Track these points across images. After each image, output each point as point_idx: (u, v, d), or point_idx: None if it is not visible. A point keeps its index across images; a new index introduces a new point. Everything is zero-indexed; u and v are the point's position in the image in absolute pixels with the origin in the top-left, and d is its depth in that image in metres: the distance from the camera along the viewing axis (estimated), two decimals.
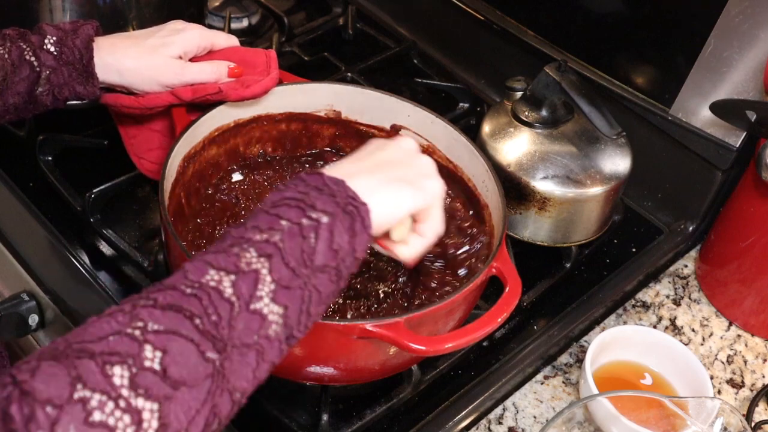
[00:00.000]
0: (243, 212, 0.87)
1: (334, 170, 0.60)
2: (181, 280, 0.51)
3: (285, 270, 0.52)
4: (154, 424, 0.45)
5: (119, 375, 0.44)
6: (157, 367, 0.46)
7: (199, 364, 0.47)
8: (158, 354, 0.46)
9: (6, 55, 0.76)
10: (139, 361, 0.45)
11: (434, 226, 0.66)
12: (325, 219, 0.55)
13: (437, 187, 0.66)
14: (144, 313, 0.48)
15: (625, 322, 0.93)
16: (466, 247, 0.85)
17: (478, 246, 0.84)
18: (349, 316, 0.79)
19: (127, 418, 0.44)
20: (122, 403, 0.44)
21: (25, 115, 0.80)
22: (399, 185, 0.62)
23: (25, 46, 0.77)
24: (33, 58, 0.77)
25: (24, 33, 0.78)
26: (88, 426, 0.42)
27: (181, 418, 0.46)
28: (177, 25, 0.84)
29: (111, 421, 0.43)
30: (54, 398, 0.42)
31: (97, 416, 0.43)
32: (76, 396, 0.43)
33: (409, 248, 0.66)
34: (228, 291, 0.50)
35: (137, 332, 0.46)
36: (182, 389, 0.46)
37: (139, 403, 0.44)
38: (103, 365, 0.44)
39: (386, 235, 0.64)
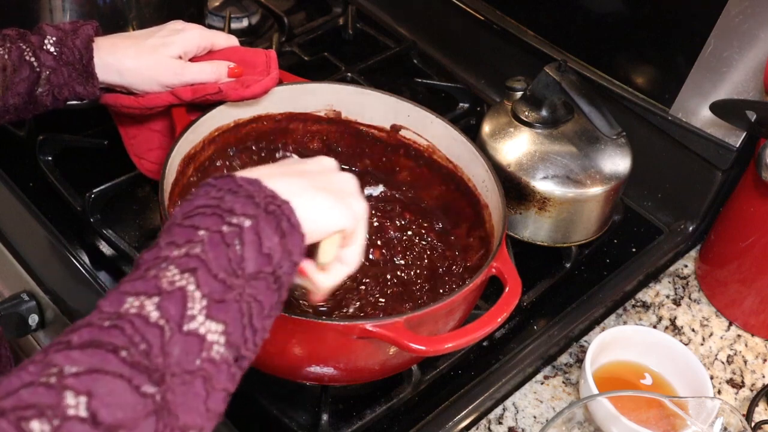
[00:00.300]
0: None
1: (245, 173, 0.54)
2: (96, 316, 0.45)
3: (214, 282, 0.47)
4: None
5: (39, 430, 0.38)
6: (83, 414, 0.39)
7: (136, 401, 0.41)
8: (82, 399, 0.40)
9: (6, 56, 0.76)
10: (61, 411, 0.39)
11: (357, 253, 0.61)
12: (247, 222, 0.50)
13: (362, 208, 0.60)
14: (58, 358, 0.41)
15: (625, 322, 0.93)
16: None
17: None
18: (350, 311, 0.80)
19: None
20: None
21: (24, 116, 0.80)
22: (324, 194, 0.56)
23: (24, 47, 0.77)
24: (33, 59, 0.77)
25: (24, 33, 0.78)
26: None
27: None
28: (177, 25, 0.84)
29: None
30: None
31: None
32: None
33: (329, 277, 0.60)
34: (154, 315, 0.44)
35: (52, 379, 0.40)
36: None
37: None
38: (18, 422, 0.38)
39: (307, 256, 0.57)
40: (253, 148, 0.91)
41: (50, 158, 0.96)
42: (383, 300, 0.82)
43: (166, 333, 0.44)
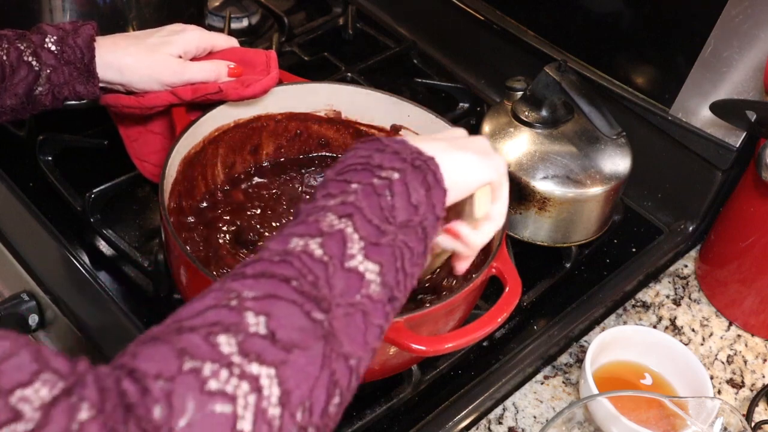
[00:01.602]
0: (243, 211, 0.87)
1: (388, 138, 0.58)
2: (266, 254, 0.48)
3: (370, 227, 0.50)
4: (276, 390, 0.42)
5: (226, 343, 0.42)
6: (263, 331, 0.43)
7: (308, 325, 0.44)
8: (262, 319, 0.43)
9: (4, 57, 0.76)
10: (244, 328, 0.43)
11: (504, 208, 0.64)
12: (396, 175, 0.53)
13: (503, 162, 0.63)
14: (235, 285, 0.45)
15: (625, 322, 0.93)
16: None
17: None
18: None
19: (245, 386, 0.41)
20: (236, 371, 0.41)
21: (22, 116, 0.80)
22: (465, 152, 0.59)
23: (23, 47, 0.77)
24: (32, 59, 0.77)
25: (23, 34, 0.78)
26: (206, 396, 0.40)
27: (302, 385, 0.43)
28: (177, 27, 0.85)
29: (229, 389, 0.41)
30: (163, 372, 0.40)
31: (213, 385, 0.40)
32: (185, 367, 0.40)
33: (480, 234, 0.63)
34: (318, 252, 0.48)
35: (234, 302, 0.44)
36: (295, 352, 0.43)
37: (254, 369, 0.42)
38: (207, 336, 0.42)
39: (455, 217, 0.61)
40: (254, 147, 0.91)
41: (50, 158, 0.96)
42: None
43: (330, 268, 0.47)
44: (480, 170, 0.60)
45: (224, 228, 0.85)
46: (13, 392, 0.37)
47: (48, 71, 0.78)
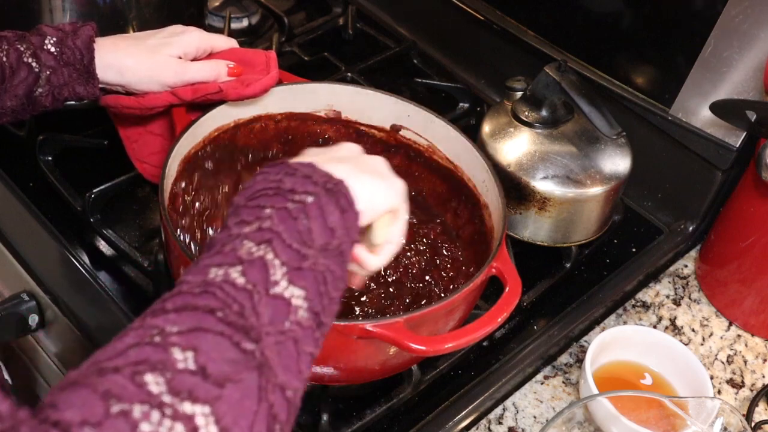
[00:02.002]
0: None
1: (295, 160, 0.56)
2: (184, 287, 0.46)
3: (290, 251, 0.49)
4: (213, 429, 0.40)
5: (154, 382, 0.40)
6: (192, 367, 0.41)
7: (238, 356, 0.43)
8: (189, 354, 0.41)
9: (4, 58, 0.76)
10: (171, 365, 0.41)
11: (401, 231, 0.62)
12: (310, 199, 0.52)
13: (401, 184, 0.62)
14: (157, 321, 0.43)
15: (625, 322, 0.93)
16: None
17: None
18: (357, 312, 0.79)
19: (179, 427, 0.39)
20: (168, 411, 0.39)
21: (22, 117, 0.80)
22: (370, 175, 0.58)
23: (23, 49, 0.77)
24: (32, 60, 0.77)
25: (22, 35, 0.78)
26: None
27: (240, 422, 0.41)
28: (176, 28, 0.85)
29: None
30: (89, 417, 0.38)
31: (145, 428, 0.38)
32: (113, 410, 0.38)
33: (378, 258, 0.62)
34: (240, 280, 0.46)
35: (157, 338, 0.42)
36: (229, 386, 0.41)
37: (187, 408, 0.40)
38: (132, 376, 0.40)
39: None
40: (253, 148, 0.91)
41: (50, 158, 0.96)
42: (383, 300, 0.82)
43: (255, 296, 0.46)
44: (386, 194, 0.59)
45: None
46: None
47: (48, 73, 0.78)
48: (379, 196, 0.58)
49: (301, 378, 0.47)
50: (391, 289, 0.83)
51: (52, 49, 0.78)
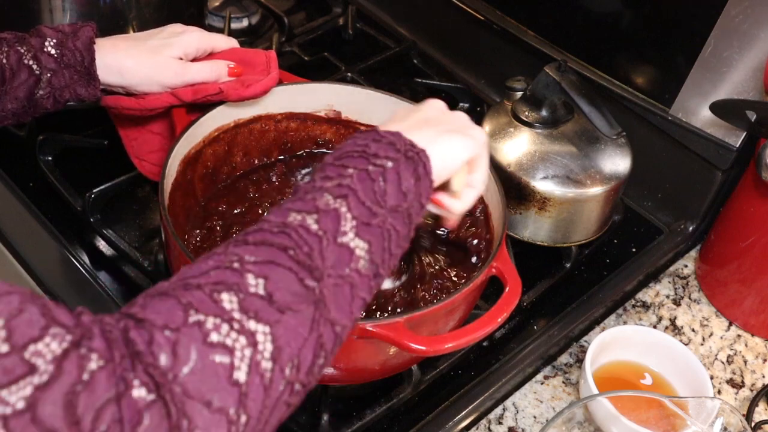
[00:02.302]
0: (243, 211, 0.87)
1: (384, 128, 0.61)
2: (266, 225, 0.52)
3: (362, 208, 0.54)
4: (269, 346, 0.46)
5: (228, 300, 0.46)
6: (262, 292, 0.47)
7: (301, 290, 0.48)
8: (261, 281, 0.47)
9: (4, 60, 0.76)
10: (245, 288, 0.47)
11: (483, 176, 0.69)
12: (389, 164, 0.57)
13: (482, 135, 0.67)
14: (239, 250, 0.49)
15: (625, 322, 0.93)
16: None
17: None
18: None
19: (243, 340, 0.45)
20: (236, 325, 0.45)
21: (24, 119, 0.80)
22: (450, 135, 0.64)
23: (23, 50, 0.77)
24: (32, 62, 0.77)
25: (22, 36, 0.78)
26: (207, 346, 0.44)
27: (292, 344, 0.47)
28: (177, 28, 0.85)
29: (228, 342, 0.44)
30: (170, 323, 0.44)
31: (214, 337, 0.44)
32: (190, 320, 0.44)
33: (461, 202, 0.68)
34: (314, 226, 0.51)
35: (236, 264, 0.48)
36: (288, 314, 0.47)
37: (251, 325, 0.45)
38: (211, 293, 0.46)
39: (439, 189, 0.66)
40: (253, 148, 0.91)
41: (50, 158, 0.96)
42: (384, 300, 0.82)
43: (324, 242, 0.51)
44: (463, 150, 0.64)
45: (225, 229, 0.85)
46: (27, 347, 0.40)
47: (48, 75, 0.77)
48: (458, 155, 0.64)
49: (351, 317, 0.52)
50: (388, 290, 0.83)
51: (53, 52, 0.78)
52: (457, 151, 0.64)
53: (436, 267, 0.84)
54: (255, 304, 0.46)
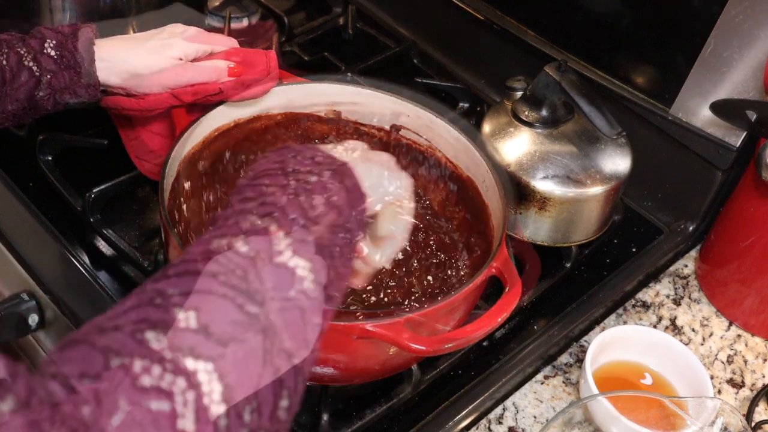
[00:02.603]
0: None
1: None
2: (188, 256, 0.46)
3: (293, 225, 0.48)
4: (216, 386, 0.40)
5: (155, 339, 0.40)
6: (194, 326, 0.41)
7: (241, 318, 0.42)
8: (191, 314, 0.41)
9: (4, 62, 0.76)
10: (172, 323, 0.41)
11: (406, 227, 0.62)
12: (313, 177, 0.52)
13: (408, 180, 0.62)
14: (159, 285, 0.43)
15: (625, 322, 0.93)
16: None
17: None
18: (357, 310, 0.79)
19: (181, 382, 0.39)
20: (169, 366, 0.39)
21: (24, 121, 0.80)
22: (377, 165, 0.58)
23: (23, 52, 0.77)
24: (32, 64, 0.77)
25: (22, 38, 0.78)
26: (138, 392, 0.38)
27: (245, 381, 0.41)
28: (177, 28, 0.85)
29: (164, 385, 0.38)
30: (87, 370, 0.38)
31: (146, 381, 0.38)
32: (113, 364, 0.38)
33: (381, 254, 0.61)
34: (243, 248, 0.45)
35: (158, 300, 0.42)
36: (232, 345, 0.41)
37: (189, 363, 0.39)
38: (133, 333, 0.40)
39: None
40: (253, 148, 0.91)
41: (50, 158, 0.96)
42: (384, 300, 0.82)
43: (258, 262, 0.45)
44: (391, 183, 0.59)
45: None
46: None
47: (48, 76, 0.77)
48: (385, 185, 0.58)
49: (308, 347, 0.45)
50: (388, 290, 0.83)
51: (52, 53, 0.78)
52: (383, 181, 0.58)
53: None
54: (188, 339, 0.40)
